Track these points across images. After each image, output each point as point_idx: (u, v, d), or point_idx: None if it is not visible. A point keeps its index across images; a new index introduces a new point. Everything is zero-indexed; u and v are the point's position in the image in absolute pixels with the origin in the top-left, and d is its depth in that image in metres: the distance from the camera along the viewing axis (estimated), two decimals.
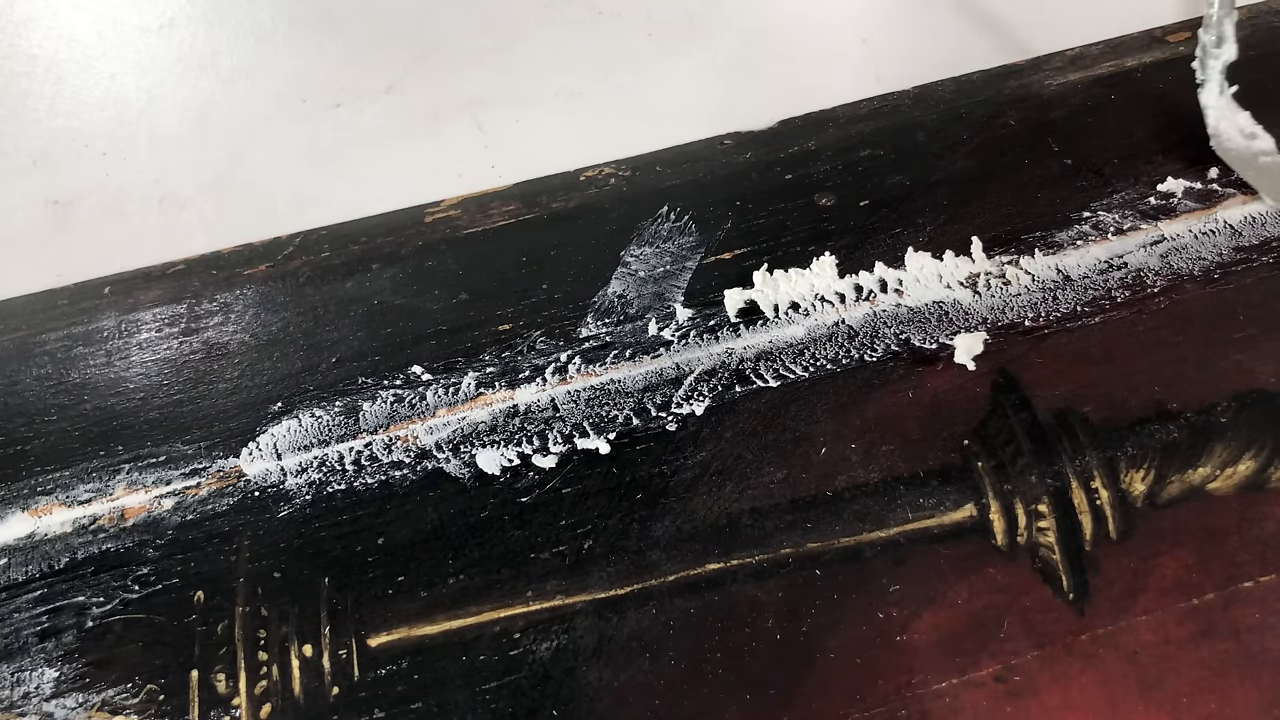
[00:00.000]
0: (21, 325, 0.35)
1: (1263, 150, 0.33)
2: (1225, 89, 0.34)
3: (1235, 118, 0.34)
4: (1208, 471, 0.30)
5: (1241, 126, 0.34)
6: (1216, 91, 0.33)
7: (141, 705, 0.28)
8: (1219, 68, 0.33)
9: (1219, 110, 0.33)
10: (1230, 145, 0.34)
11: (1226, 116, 0.33)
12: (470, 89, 0.40)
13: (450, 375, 0.33)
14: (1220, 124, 0.34)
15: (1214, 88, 0.33)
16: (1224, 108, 0.33)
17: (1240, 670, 0.27)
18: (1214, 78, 0.33)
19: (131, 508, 0.31)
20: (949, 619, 0.28)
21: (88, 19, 0.42)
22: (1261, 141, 0.34)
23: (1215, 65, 0.33)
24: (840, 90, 0.39)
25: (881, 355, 0.33)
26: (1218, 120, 0.34)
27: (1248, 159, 0.34)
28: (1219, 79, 0.33)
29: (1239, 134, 0.33)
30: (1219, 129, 0.34)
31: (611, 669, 0.28)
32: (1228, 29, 0.32)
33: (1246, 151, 0.33)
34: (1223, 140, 0.34)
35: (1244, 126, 0.34)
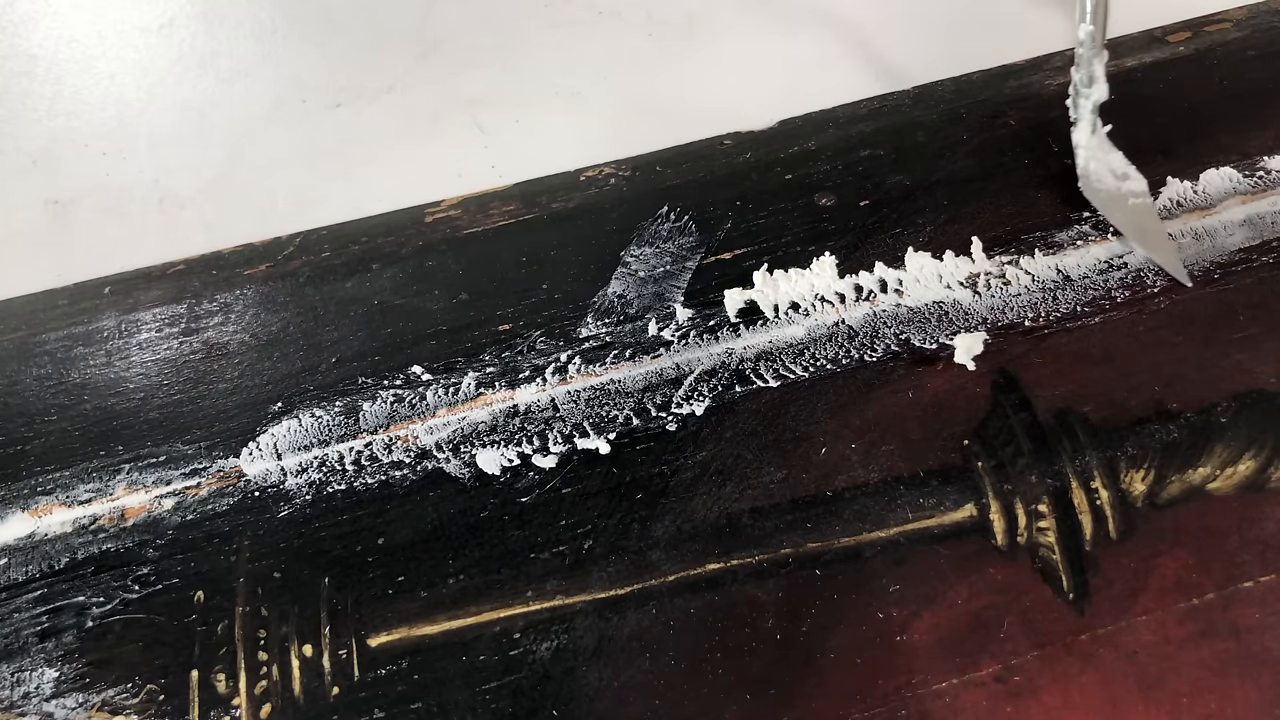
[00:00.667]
0: (21, 325, 0.35)
1: (1133, 192, 0.33)
2: (1098, 128, 0.33)
3: (1107, 158, 0.33)
4: (1208, 471, 0.30)
5: (1114, 167, 0.33)
6: (1088, 131, 0.32)
7: (141, 705, 0.28)
8: (1090, 107, 0.32)
9: (1090, 150, 0.32)
10: (1099, 186, 0.33)
11: (1098, 157, 0.32)
12: (470, 89, 0.40)
13: (450, 375, 0.33)
14: (1090, 165, 0.33)
15: (1085, 127, 0.32)
16: (1095, 148, 0.32)
17: (1240, 670, 0.27)
18: (1085, 117, 0.32)
19: (131, 508, 0.31)
20: (949, 619, 0.28)
21: (88, 19, 0.42)
22: (1133, 183, 0.33)
23: (1086, 105, 0.32)
24: (840, 90, 0.39)
25: (881, 355, 0.33)
26: (1087, 161, 0.33)
27: (1117, 200, 0.33)
28: (1090, 118, 0.32)
29: (1110, 175, 0.33)
30: (1088, 170, 0.33)
31: (611, 669, 0.28)
32: (1097, 69, 0.32)
33: (1116, 193, 0.33)
34: (1091, 181, 0.33)
35: (1116, 167, 0.33)
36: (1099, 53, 0.31)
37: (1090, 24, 0.30)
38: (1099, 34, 0.30)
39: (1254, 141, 0.36)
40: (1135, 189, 0.32)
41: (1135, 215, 0.32)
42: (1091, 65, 0.31)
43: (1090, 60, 0.31)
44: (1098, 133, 0.32)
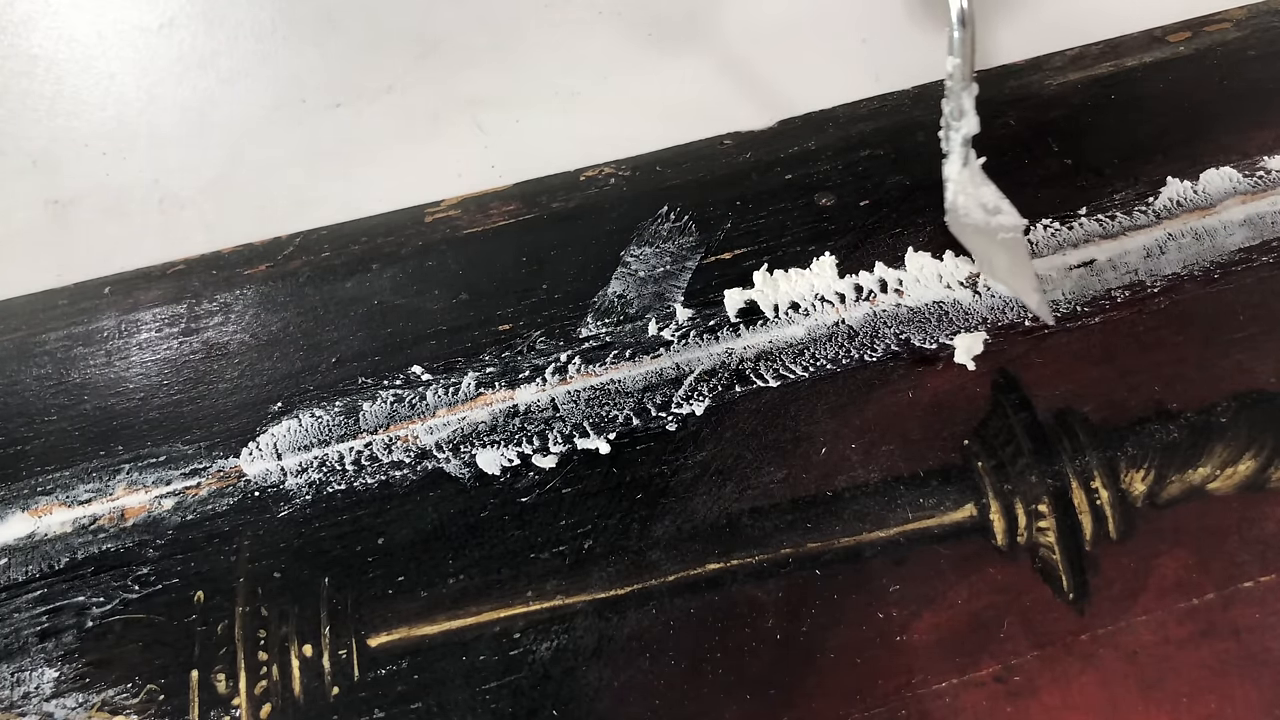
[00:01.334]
0: (21, 325, 0.35)
1: (1003, 226, 0.31)
2: (971, 161, 0.31)
3: (978, 192, 0.31)
4: (1208, 471, 0.30)
5: (985, 201, 0.31)
6: (959, 164, 0.31)
7: (141, 705, 0.28)
8: (960, 140, 0.31)
9: (959, 184, 0.31)
10: (967, 221, 0.32)
11: (968, 191, 0.31)
12: (470, 89, 0.40)
13: (450, 375, 0.33)
14: (958, 199, 0.31)
15: (956, 160, 0.31)
16: (966, 182, 0.31)
17: (1240, 670, 0.27)
18: (956, 150, 0.31)
19: (131, 508, 0.31)
20: (949, 619, 0.28)
21: (88, 19, 0.42)
22: (1004, 218, 0.32)
23: (956, 138, 0.31)
24: (840, 90, 0.39)
25: (881, 355, 0.33)
26: (955, 195, 0.31)
27: (984, 236, 0.32)
28: (961, 151, 0.31)
29: (980, 209, 0.31)
30: (956, 204, 0.31)
31: (611, 669, 0.28)
32: (966, 101, 0.30)
33: (985, 228, 0.31)
34: (959, 216, 0.32)
35: (988, 201, 0.31)
36: (968, 86, 0.30)
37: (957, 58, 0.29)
38: (966, 68, 0.29)
39: (1254, 141, 0.36)
40: (1006, 224, 0.31)
41: (1002, 251, 0.31)
42: (960, 98, 0.30)
43: (959, 93, 0.30)
44: (970, 166, 0.31)
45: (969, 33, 0.29)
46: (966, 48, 0.29)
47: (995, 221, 0.31)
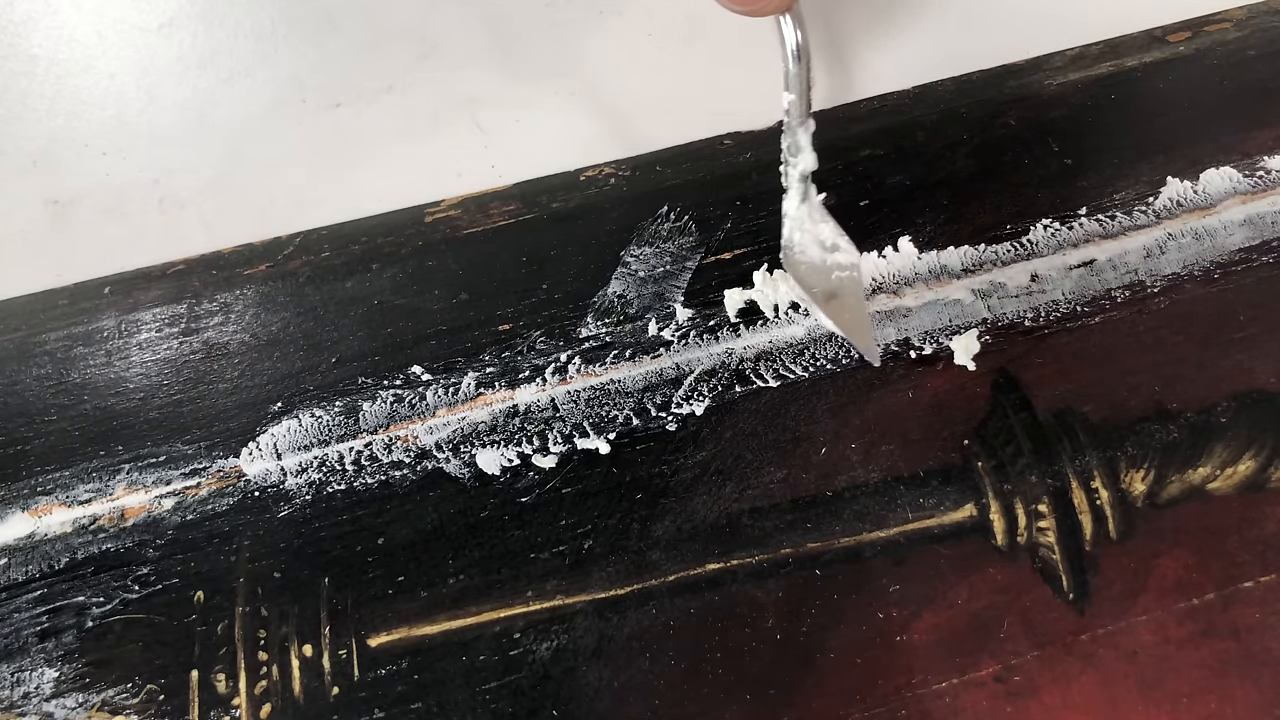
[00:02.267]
0: (21, 325, 0.35)
1: (839, 264, 0.31)
2: (811, 197, 0.31)
3: (816, 228, 0.31)
4: (1208, 471, 0.30)
5: (823, 238, 0.31)
6: (797, 200, 0.30)
7: (141, 705, 0.28)
8: (797, 176, 0.30)
9: (796, 221, 0.30)
10: (802, 259, 0.31)
11: (805, 228, 0.30)
12: (470, 89, 0.40)
13: (450, 375, 0.33)
14: (795, 235, 0.31)
15: (794, 196, 0.30)
16: (804, 218, 0.30)
17: (1240, 670, 0.27)
18: (794, 186, 0.30)
19: (131, 508, 0.31)
20: (949, 619, 0.28)
21: (88, 19, 0.42)
22: (841, 255, 0.31)
23: (794, 174, 0.30)
24: (840, 90, 0.39)
25: (881, 355, 0.32)
26: (792, 231, 0.31)
27: (819, 273, 0.31)
28: (800, 187, 0.30)
29: (817, 246, 0.31)
30: (792, 240, 0.31)
31: (611, 669, 0.28)
32: (802, 138, 0.30)
33: (820, 265, 0.31)
34: (794, 253, 0.31)
35: (826, 238, 0.31)
36: (804, 122, 0.29)
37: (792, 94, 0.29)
38: (801, 104, 0.29)
39: (1254, 141, 0.36)
40: (843, 261, 0.31)
41: (836, 289, 0.31)
42: (797, 134, 0.29)
43: (795, 129, 0.29)
44: (809, 202, 0.31)
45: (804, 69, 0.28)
46: (801, 84, 0.28)
47: (832, 259, 0.30)
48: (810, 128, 0.29)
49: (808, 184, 0.30)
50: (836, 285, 0.31)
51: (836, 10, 0.42)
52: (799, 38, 0.27)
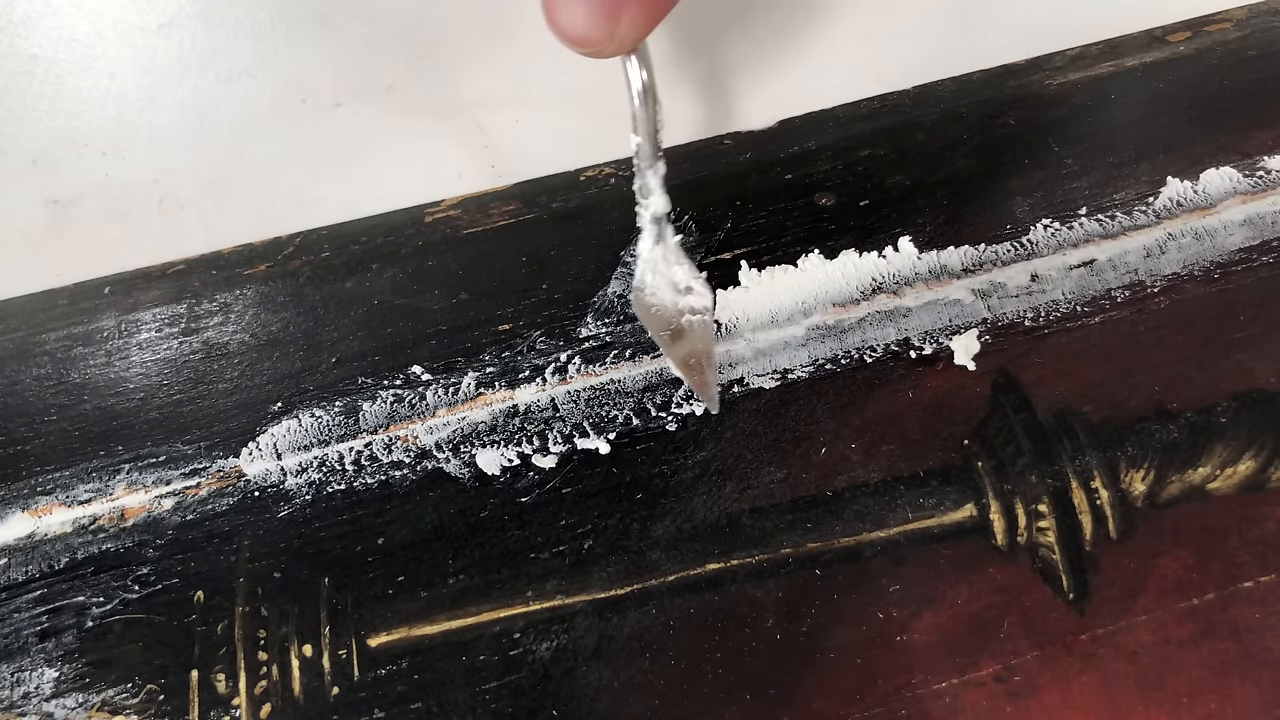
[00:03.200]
0: (21, 325, 0.35)
1: (692, 308, 0.30)
2: (667, 238, 0.30)
3: (670, 270, 0.30)
4: (1208, 471, 0.30)
5: (677, 280, 0.30)
6: (650, 242, 0.30)
7: (141, 705, 0.28)
8: (649, 218, 0.29)
9: (650, 263, 0.30)
10: (653, 301, 0.30)
11: (659, 269, 0.30)
12: (470, 89, 0.40)
13: (450, 375, 0.33)
14: (647, 276, 0.30)
15: (648, 238, 0.30)
16: (659, 259, 0.30)
17: (1240, 670, 0.27)
18: (647, 227, 0.30)
19: (131, 508, 0.31)
20: (949, 619, 0.28)
21: (88, 19, 0.42)
22: (695, 299, 0.30)
23: (645, 215, 0.29)
24: (840, 90, 0.39)
25: (881, 355, 0.33)
26: (644, 273, 0.30)
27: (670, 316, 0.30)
28: (653, 229, 0.30)
29: (670, 288, 0.30)
30: (644, 282, 0.30)
31: (611, 669, 0.28)
32: (651, 180, 0.29)
33: (672, 308, 0.30)
34: (646, 295, 0.30)
35: (680, 280, 0.30)
36: (653, 164, 0.28)
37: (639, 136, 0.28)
38: (649, 146, 0.28)
39: (1254, 141, 0.36)
40: (695, 305, 0.30)
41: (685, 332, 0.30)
42: (646, 177, 0.28)
43: (644, 172, 0.28)
44: (665, 243, 0.30)
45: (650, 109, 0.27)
46: (649, 125, 0.27)
47: (684, 302, 0.30)
48: (660, 170, 0.28)
49: (662, 225, 0.29)
50: (686, 328, 0.30)
51: (837, 11, 0.42)
52: (644, 78, 0.26)
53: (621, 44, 0.24)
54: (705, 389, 0.30)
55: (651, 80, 0.26)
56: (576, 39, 0.23)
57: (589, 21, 0.23)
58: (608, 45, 0.23)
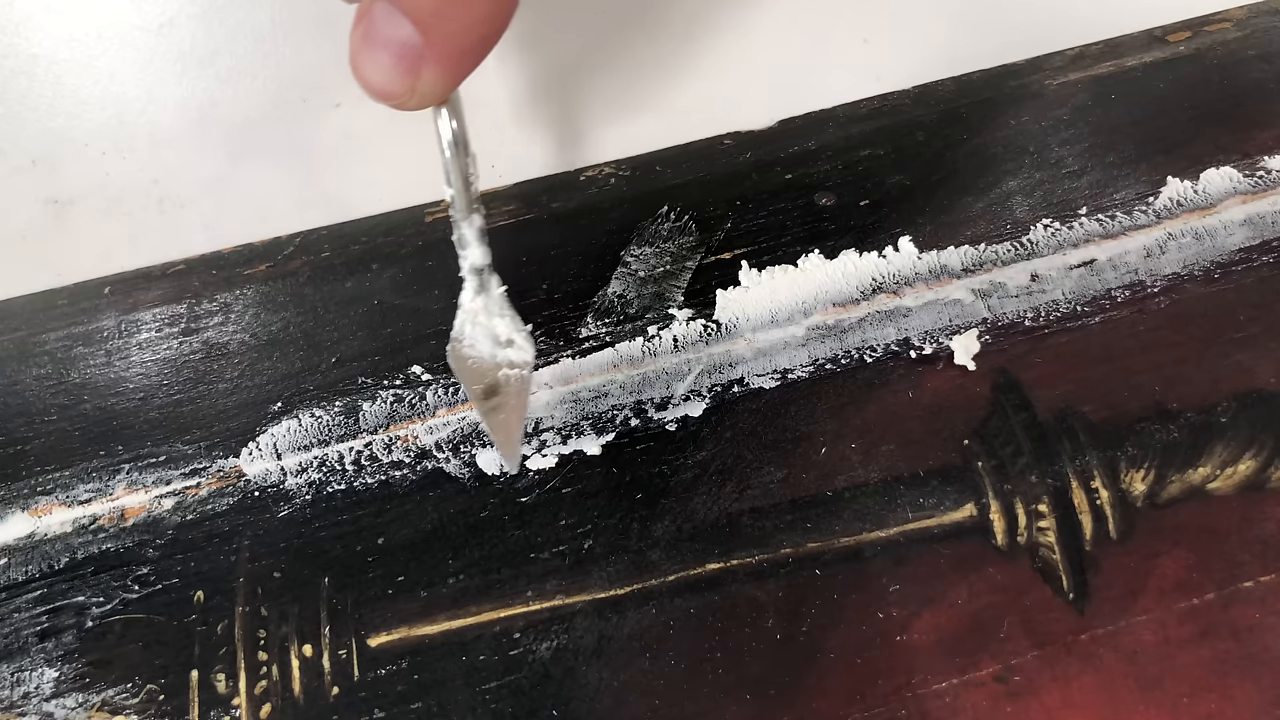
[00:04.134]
0: (21, 325, 0.35)
1: (510, 361, 0.29)
2: (490, 289, 0.29)
3: (492, 322, 0.29)
4: (1208, 471, 0.30)
5: (498, 333, 0.29)
6: (471, 293, 0.29)
7: (141, 705, 0.28)
8: (468, 269, 0.29)
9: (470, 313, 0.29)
10: (471, 353, 0.29)
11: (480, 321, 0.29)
12: (470, 89, 0.40)
13: (450, 375, 0.33)
14: (466, 328, 0.29)
15: (469, 289, 0.29)
16: (480, 310, 0.29)
17: (1240, 670, 0.27)
18: (468, 278, 0.29)
19: (131, 508, 0.31)
20: (949, 619, 0.28)
21: (88, 19, 0.42)
22: (514, 353, 0.29)
23: (465, 266, 0.29)
24: (840, 90, 0.39)
25: (881, 355, 0.33)
26: (464, 324, 0.29)
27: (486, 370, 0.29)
28: (475, 279, 0.29)
29: (490, 341, 0.29)
30: (463, 333, 0.29)
31: (611, 669, 0.28)
32: (466, 232, 0.28)
33: (489, 361, 0.29)
34: (462, 346, 0.29)
35: (501, 333, 0.29)
36: (468, 216, 0.27)
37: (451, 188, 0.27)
38: (463, 198, 0.27)
39: (1254, 141, 0.36)
40: (515, 359, 0.29)
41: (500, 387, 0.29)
42: (462, 229, 0.28)
43: (460, 223, 0.28)
44: (488, 294, 0.29)
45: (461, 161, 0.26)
46: (460, 177, 0.27)
47: (503, 355, 0.29)
48: (476, 222, 0.28)
49: (484, 276, 0.29)
50: (502, 383, 0.29)
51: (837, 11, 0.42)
52: (454, 129, 0.26)
53: (423, 99, 0.24)
54: (510, 448, 0.29)
55: (462, 131, 0.26)
56: (377, 92, 0.23)
57: (388, 76, 0.23)
58: (410, 99, 0.23)
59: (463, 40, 0.23)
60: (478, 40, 0.23)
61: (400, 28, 0.22)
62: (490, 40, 0.23)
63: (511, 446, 0.29)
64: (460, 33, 0.23)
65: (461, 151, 0.26)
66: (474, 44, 0.23)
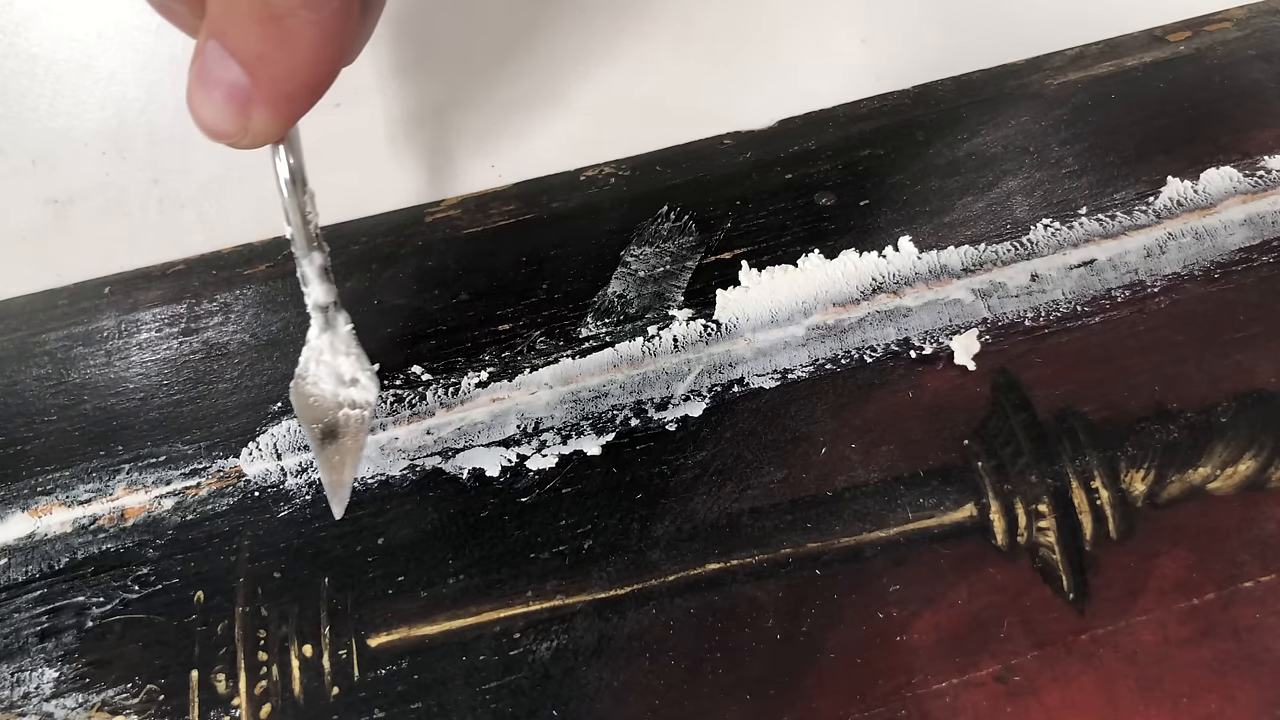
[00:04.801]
0: (21, 325, 0.35)
1: (353, 401, 0.29)
2: (337, 326, 0.29)
3: (336, 360, 0.29)
4: (1208, 471, 0.30)
5: (341, 371, 0.29)
6: (317, 330, 0.29)
7: (141, 705, 0.28)
8: (312, 306, 0.28)
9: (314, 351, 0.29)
10: (313, 391, 0.29)
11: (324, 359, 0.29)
12: (470, 89, 0.40)
13: (450, 375, 0.33)
14: (310, 365, 0.29)
15: (315, 326, 0.29)
16: (325, 348, 0.29)
17: (1240, 670, 0.27)
18: (313, 315, 0.29)
19: (131, 508, 0.31)
20: (949, 619, 0.28)
21: (88, 19, 0.42)
22: (357, 393, 0.29)
23: (309, 303, 0.28)
24: (840, 90, 0.39)
25: (881, 355, 0.33)
26: (308, 361, 0.29)
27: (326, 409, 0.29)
28: (320, 316, 0.28)
29: (333, 379, 0.29)
30: (307, 370, 0.29)
31: (611, 669, 0.28)
32: (308, 269, 0.27)
33: (330, 400, 0.29)
34: (305, 384, 0.29)
35: (345, 372, 0.29)
36: (308, 254, 0.27)
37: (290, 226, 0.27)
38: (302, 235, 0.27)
39: (1254, 141, 0.36)
40: (358, 399, 0.29)
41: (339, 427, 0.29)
42: (303, 266, 0.27)
43: (301, 261, 0.27)
44: (334, 332, 0.29)
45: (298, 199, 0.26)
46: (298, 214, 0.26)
47: (345, 394, 0.29)
48: (317, 260, 0.27)
49: (329, 313, 0.28)
50: (341, 423, 0.29)
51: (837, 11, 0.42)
52: (290, 166, 0.26)
53: (256, 139, 0.24)
54: (339, 490, 0.28)
55: (300, 168, 0.26)
56: (210, 131, 0.23)
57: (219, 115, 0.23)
58: (243, 139, 0.24)
59: (289, 84, 0.23)
60: (304, 85, 0.23)
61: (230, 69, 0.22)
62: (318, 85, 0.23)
63: (341, 490, 0.28)
64: (286, 77, 0.23)
65: (299, 189, 0.26)
66: (301, 88, 0.23)
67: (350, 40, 0.23)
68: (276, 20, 0.21)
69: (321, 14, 0.22)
